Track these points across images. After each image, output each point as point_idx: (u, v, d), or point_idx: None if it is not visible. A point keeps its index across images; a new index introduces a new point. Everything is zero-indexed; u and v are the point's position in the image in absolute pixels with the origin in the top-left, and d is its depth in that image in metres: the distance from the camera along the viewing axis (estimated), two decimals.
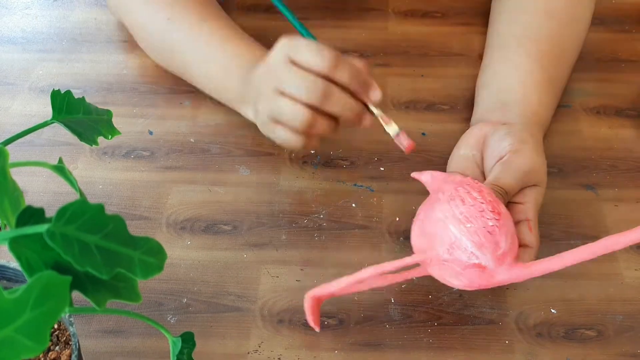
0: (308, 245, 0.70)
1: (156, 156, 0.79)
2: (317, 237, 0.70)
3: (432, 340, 0.62)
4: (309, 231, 0.71)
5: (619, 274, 0.67)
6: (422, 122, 0.82)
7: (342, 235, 0.70)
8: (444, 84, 0.87)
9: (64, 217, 0.34)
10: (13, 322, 0.30)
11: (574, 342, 0.62)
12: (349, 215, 0.72)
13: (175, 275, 0.67)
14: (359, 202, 0.73)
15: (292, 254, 0.69)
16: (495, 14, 0.86)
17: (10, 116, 0.84)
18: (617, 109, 0.84)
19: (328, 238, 0.70)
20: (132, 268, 0.35)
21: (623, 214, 0.72)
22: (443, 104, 0.85)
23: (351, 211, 0.73)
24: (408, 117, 0.83)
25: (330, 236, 0.70)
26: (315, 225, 0.71)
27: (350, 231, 0.71)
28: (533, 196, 0.65)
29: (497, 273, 0.55)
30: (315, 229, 0.71)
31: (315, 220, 0.72)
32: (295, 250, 0.69)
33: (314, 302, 0.61)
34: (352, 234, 0.70)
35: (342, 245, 0.69)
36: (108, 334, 0.63)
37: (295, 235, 0.70)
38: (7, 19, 1.00)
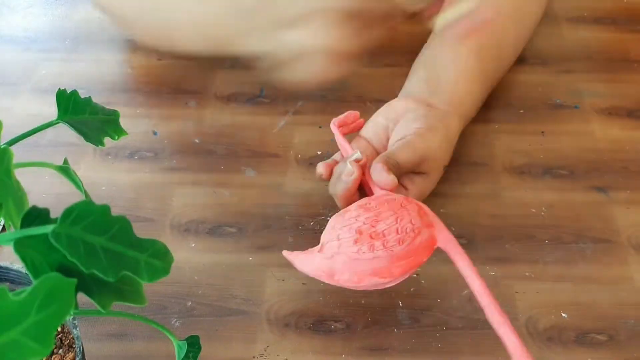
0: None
1: (160, 157, 0.78)
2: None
3: (441, 345, 0.61)
4: (315, 234, 0.70)
5: (630, 278, 0.66)
6: None
7: None
8: None
9: (69, 218, 0.33)
10: (18, 324, 0.29)
11: (585, 347, 0.61)
12: None
13: (179, 278, 0.66)
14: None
15: None
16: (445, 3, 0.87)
17: (13, 116, 0.83)
18: (628, 110, 0.83)
19: None
20: (138, 271, 0.35)
21: (635, 216, 0.71)
22: None
23: None
24: None
25: None
26: (322, 227, 0.70)
27: None
28: (420, 184, 0.67)
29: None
30: (321, 232, 0.70)
31: (322, 223, 0.71)
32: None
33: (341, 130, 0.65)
34: None
35: None
36: (112, 337, 0.62)
37: (301, 238, 0.70)
38: (9, 18, 1.00)
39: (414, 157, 0.65)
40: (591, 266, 0.67)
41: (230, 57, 0.71)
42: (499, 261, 0.67)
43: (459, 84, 0.75)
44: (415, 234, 0.56)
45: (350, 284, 0.56)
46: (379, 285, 0.56)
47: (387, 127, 0.70)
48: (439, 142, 0.68)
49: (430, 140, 0.67)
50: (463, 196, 0.73)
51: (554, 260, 0.67)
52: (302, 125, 0.82)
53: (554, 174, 0.75)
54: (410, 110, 0.70)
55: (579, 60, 0.87)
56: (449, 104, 0.73)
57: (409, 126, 0.68)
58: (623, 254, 0.68)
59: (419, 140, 0.66)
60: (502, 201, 0.73)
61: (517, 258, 0.67)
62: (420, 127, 0.67)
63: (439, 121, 0.70)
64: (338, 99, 0.85)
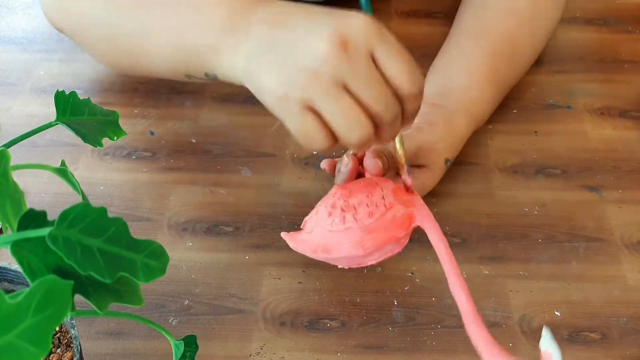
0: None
1: (158, 157, 0.78)
2: None
3: (436, 343, 0.62)
4: None
5: (622, 277, 0.66)
6: None
7: None
8: None
9: (66, 221, 0.33)
10: (15, 327, 0.29)
11: (578, 345, 0.61)
12: None
13: (176, 277, 0.67)
14: None
15: (294, 255, 0.68)
16: (462, 7, 0.87)
17: (12, 117, 0.84)
18: (621, 110, 0.83)
19: None
20: (134, 271, 0.35)
21: (627, 215, 0.71)
22: None
23: None
24: None
25: None
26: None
27: None
28: (421, 177, 0.68)
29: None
30: None
31: None
32: (298, 252, 0.69)
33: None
34: None
35: None
36: (110, 336, 0.63)
37: None
38: (8, 19, 1.00)
39: (410, 146, 0.66)
40: (584, 265, 0.67)
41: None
42: (492, 260, 0.68)
43: (471, 89, 0.75)
44: (387, 209, 0.57)
45: (325, 256, 0.58)
46: (355, 259, 0.57)
47: None
48: (439, 135, 0.69)
49: (428, 133, 0.68)
50: (457, 195, 0.74)
51: (547, 259, 0.68)
52: None
53: (547, 174, 0.76)
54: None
55: (571, 60, 0.88)
56: (458, 104, 0.73)
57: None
58: (616, 253, 0.68)
59: (416, 132, 0.67)
60: (495, 200, 0.73)
61: (510, 257, 0.68)
62: (419, 122, 0.67)
63: (440, 117, 0.70)
64: None
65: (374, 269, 0.67)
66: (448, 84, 0.76)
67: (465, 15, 0.84)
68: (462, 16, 0.85)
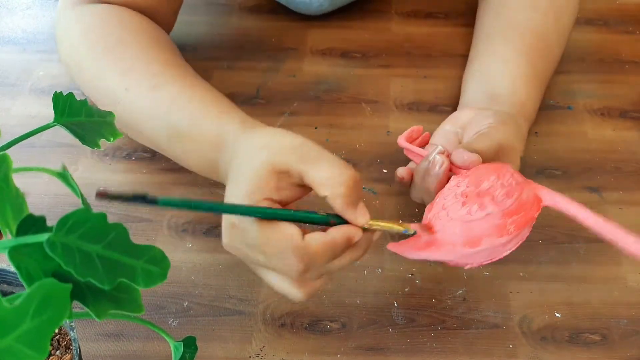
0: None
1: (157, 157, 0.78)
2: None
3: (436, 345, 0.62)
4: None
5: (623, 278, 0.66)
6: (425, 123, 0.81)
7: None
8: (447, 85, 0.87)
9: (65, 227, 0.33)
10: (13, 331, 0.29)
11: (578, 346, 0.61)
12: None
13: (176, 278, 0.67)
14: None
15: None
16: (482, 8, 0.87)
17: (11, 117, 0.84)
18: (621, 110, 0.83)
19: None
20: (134, 277, 0.35)
21: (627, 216, 0.71)
22: (446, 105, 0.84)
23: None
24: (411, 118, 0.83)
25: None
26: (318, 227, 0.71)
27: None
28: None
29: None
30: (318, 231, 0.70)
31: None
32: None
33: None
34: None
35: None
36: (109, 337, 0.63)
37: None
38: (7, 19, 1.00)
39: (491, 144, 0.64)
40: (584, 266, 0.67)
41: None
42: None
43: (517, 92, 0.75)
44: (522, 187, 0.56)
45: (467, 251, 0.55)
46: (495, 250, 0.55)
47: (457, 133, 0.71)
48: (514, 133, 0.68)
49: (504, 131, 0.67)
50: None
51: (547, 260, 0.68)
52: (298, 126, 0.82)
53: (547, 174, 0.76)
54: (478, 114, 0.70)
55: (572, 61, 0.88)
56: (512, 108, 0.73)
57: (482, 122, 0.68)
58: (616, 254, 0.68)
59: (494, 131, 0.66)
60: None
61: (511, 258, 0.67)
62: (493, 122, 0.67)
63: (509, 118, 0.70)
64: (333, 100, 0.85)
65: (374, 270, 0.67)
66: (492, 91, 0.75)
67: (488, 16, 0.84)
68: (485, 18, 0.85)
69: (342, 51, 0.93)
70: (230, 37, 0.95)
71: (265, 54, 0.92)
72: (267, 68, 0.90)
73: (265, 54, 0.92)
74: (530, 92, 0.76)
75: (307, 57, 0.91)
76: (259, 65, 0.90)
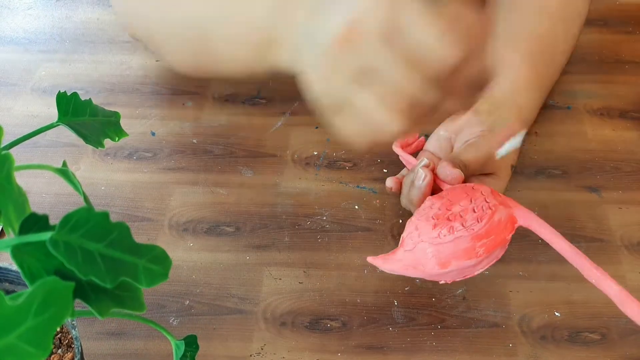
0: (311, 247, 0.69)
1: (159, 157, 0.79)
2: (320, 239, 0.70)
3: (436, 343, 0.62)
4: (312, 233, 0.71)
5: (622, 277, 0.66)
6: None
7: (345, 237, 0.70)
8: None
9: (67, 225, 0.33)
10: (15, 329, 0.29)
11: (577, 345, 0.61)
12: (352, 217, 0.72)
13: (177, 277, 0.67)
14: (362, 204, 0.73)
15: (294, 256, 0.69)
16: (489, 10, 0.86)
17: (13, 117, 0.84)
18: (621, 110, 0.83)
19: (331, 240, 0.70)
20: (136, 276, 0.35)
21: (627, 216, 0.71)
22: None
23: (354, 213, 0.72)
24: None
25: (333, 238, 0.70)
26: (318, 227, 0.71)
27: (353, 233, 0.71)
28: (490, 184, 0.65)
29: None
30: (318, 231, 0.71)
31: (318, 222, 0.71)
32: (298, 252, 0.69)
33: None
34: (355, 236, 0.70)
35: (345, 247, 0.69)
36: (110, 336, 0.63)
37: (298, 237, 0.70)
38: (9, 19, 1.00)
39: (477, 155, 0.65)
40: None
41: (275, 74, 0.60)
42: None
43: (518, 96, 0.75)
44: (493, 211, 0.56)
45: (436, 272, 0.55)
46: (466, 270, 0.56)
47: (450, 139, 0.71)
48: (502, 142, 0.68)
49: (493, 140, 0.67)
50: None
51: (547, 259, 0.68)
52: (299, 125, 0.82)
53: (547, 174, 0.76)
54: (470, 119, 0.70)
55: (572, 61, 0.87)
56: (509, 112, 0.73)
57: (472, 131, 0.68)
58: (616, 253, 0.68)
59: (482, 140, 0.66)
60: None
61: (510, 257, 0.68)
62: (483, 130, 0.67)
63: (501, 124, 0.69)
64: None
65: (374, 269, 0.67)
66: (492, 93, 0.75)
67: (496, 19, 0.84)
68: (492, 20, 0.84)
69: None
70: None
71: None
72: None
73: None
74: (530, 97, 0.76)
75: None
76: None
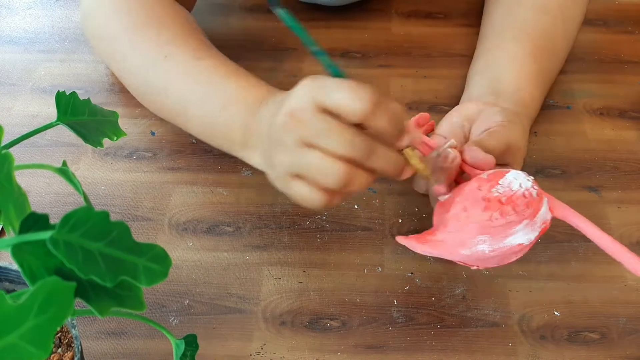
0: (311, 247, 0.69)
1: (158, 157, 0.79)
2: (319, 239, 0.70)
3: (435, 343, 0.62)
4: (311, 233, 0.71)
5: (621, 277, 0.66)
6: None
7: (345, 237, 0.70)
8: (446, 85, 0.87)
9: (68, 224, 0.33)
10: (17, 328, 0.29)
11: (577, 345, 0.62)
12: (351, 216, 0.72)
13: (177, 276, 0.67)
14: (362, 204, 0.73)
15: (294, 255, 0.69)
16: (490, 6, 0.86)
17: (13, 117, 0.84)
18: (620, 110, 0.83)
19: (330, 240, 0.70)
20: (136, 275, 0.35)
21: (626, 215, 0.71)
22: (446, 105, 0.84)
23: (353, 213, 0.72)
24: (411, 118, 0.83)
25: (333, 238, 0.70)
26: (318, 226, 0.71)
27: (352, 233, 0.71)
28: None
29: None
30: (317, 231, 0.71)
31: (318, 222, 0.71)
32: (298, 252, 0.69)
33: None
34: (354, 236, 0.70)
35: (344, 247, 0.69)
36: (110, 335, 0.63)
37: (297, 237, 0.70)
38: (9, 19, 1.00)
39: (499, 144, 0.64)
40: (583, 265, 0.67)
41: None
42: None
43: (521, 90, 0.75)
44: (540, 199, 0.56)
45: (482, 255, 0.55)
46: (508, 256, 0.56)
47: (463, 126, 0.70)
48: (521, 133, 0.68)
49: (513, 130, 0.67)
50: None
51: (546, 258, 0.68)
52: None
53: (546, 174, 0.76)
54: (486, 109, 0.70)
55: (571, 61, 0.88)
56: (516, 106, 0.73)
57: (491, 119, 0.67)
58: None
59: (503, 130, 0.66)
60: None
61: None
62: (503, 120, 0.67)
63: (515, 116, 0.69)
64: None
65: (374, 269, 0.67)
66: (497, 86, 0.75)
67: (498, 15, 0.84)
68: (494, 16, 0.85)
69: (342, 51, 0.93)
70: (230, 37, 0.95)
71: (266, 54, 0.93)
72: (268, 68, 0.90)
73: (266, 54, 0.92)
74: (534, 91, 0.76)
75: (308, 57, 0.91)
76: (260, 65, 0.91)
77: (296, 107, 0.55)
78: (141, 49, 0.75)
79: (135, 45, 0.76)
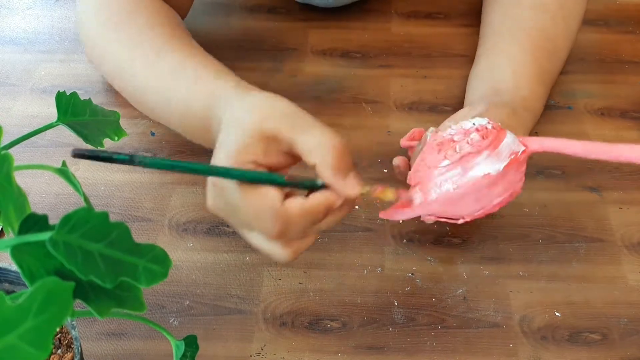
0: (311, 248, 0.68)
1: (158, 157, 0.78)
2: (320, 239, 0.70)
3: (436, 344, 0.62)
4: None
5: (623, 277, 0.66)
6: (425, 123, 0.81)
7: (346, 238, 0.70)
8: (446, 85, 0.87)
9: (67, 225, 0.33)
10: (16, 329, 0.29)
11: (578, 346, 0.61)
12: (352, 217, 0.72)
13: (177, 277, 0.67)
14: (362, 205, 0.73)
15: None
16: (489, 6, 0.86)
17: (12, 117, 0.84)
18: (621, 110, 0.83)
19: (331, 240, 0.70)
20: (136, 276, 0.35)
21: (627, 216, 0.71)
22: (446, 105, 0.84)
23: (354, 213, 0.72)
24: (411, 118, 0.83)
25: (334, 238, 0.70)
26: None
27: (353, 233, 0.70)
28: None
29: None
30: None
31: None
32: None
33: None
34: (355, 237, 0.70)
35: (345, 248, 0.69)
36: (110, 336, 0.63)
37: None
38: (8, 19, 1.00)
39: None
40: (584, 265, 0.67)
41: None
42: (493, 260, 0.68)
43: (519, 87, 0.75)
44: (498, 131, 0.56)
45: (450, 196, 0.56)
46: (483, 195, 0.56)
47: None
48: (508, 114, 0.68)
49: (497, 113, 0.67)
50: None
51: (547, 259, 0.68)
52: None
53: (547, 174, 0.76)
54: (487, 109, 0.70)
55: (572, 61, 0.88)
56: (514, 102, 0.73)
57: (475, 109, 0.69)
58: (616, 254, 0.68)
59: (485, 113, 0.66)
60: None
61: (511, 257, 0.68)
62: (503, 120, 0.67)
63: (515, 115, 0.70)
64: (333, 100, 0.85)
65: (374, 269, 0.67)
66: (495, 85, 0.75)
67: (496, 14, 0.84)
68: (493, 16, 0.85)
69: (343, 51, 0.93)
70: (230, 37, 0.95)
71: (266, 54, 0.92)
72: (268, 68, 0.90)
73: (266, 54, 0.92)
74: (534, 89, 0.76)
75: (308, 58, 0.91)
76: (260, 65, 0.90)
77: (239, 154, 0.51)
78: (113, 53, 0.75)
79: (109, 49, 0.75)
